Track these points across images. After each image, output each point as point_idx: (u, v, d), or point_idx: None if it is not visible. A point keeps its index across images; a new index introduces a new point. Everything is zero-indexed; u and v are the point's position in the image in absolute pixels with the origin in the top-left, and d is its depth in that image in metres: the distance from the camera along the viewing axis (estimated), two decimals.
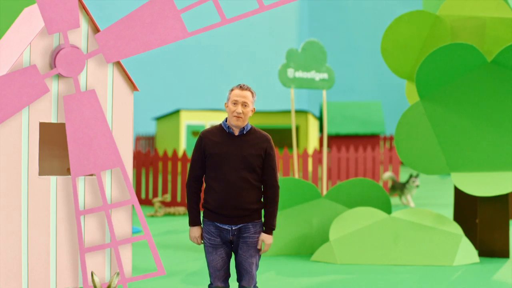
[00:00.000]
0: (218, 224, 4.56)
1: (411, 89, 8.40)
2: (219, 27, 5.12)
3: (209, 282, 4.79)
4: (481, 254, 7.77)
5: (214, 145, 4.54)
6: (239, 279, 4.67)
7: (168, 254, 7.88)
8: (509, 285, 6.49)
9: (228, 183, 4.48)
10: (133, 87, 5.44)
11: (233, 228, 4.55)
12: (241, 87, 4.55)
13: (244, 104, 4.51)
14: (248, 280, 4.62)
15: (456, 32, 8.01)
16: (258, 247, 4.61)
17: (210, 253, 4.61)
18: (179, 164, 14.38)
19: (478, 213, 7.81)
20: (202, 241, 4.66)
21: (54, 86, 5.10)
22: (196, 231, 4.64)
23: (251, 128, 4.62)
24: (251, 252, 4.59)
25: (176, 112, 19.71)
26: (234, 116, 4.51)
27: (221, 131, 4.60)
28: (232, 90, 4.56)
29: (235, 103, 4.52)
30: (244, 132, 4.58)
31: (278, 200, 4.66)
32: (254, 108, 4.60)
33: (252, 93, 4.57)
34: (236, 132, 4.58)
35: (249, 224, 4.57)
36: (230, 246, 4.64)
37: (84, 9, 5.20)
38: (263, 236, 4.61)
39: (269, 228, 4.61)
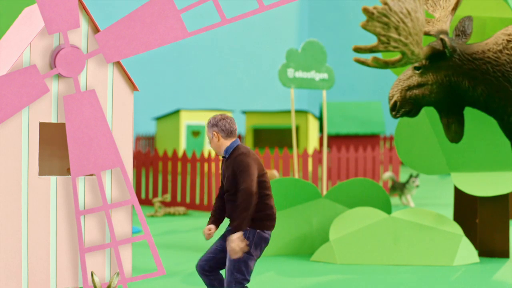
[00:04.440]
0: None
1: None
2: (219, 27, 5.12)
3: None
4: (481, 254, 7.77)
5: (222, 168, 4.86)
6: None
7: (168, 254, 7.88)
8: (509, 285, 6.49)
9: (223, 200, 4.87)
10: (133, 87, 5.44)
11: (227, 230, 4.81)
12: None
13: (209, 138, 4.83)
14: (227, 282, 4.69)
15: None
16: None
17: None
18: (179, 164, 14.36)
19: (478, 213, 7.81)
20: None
21: (54, 86, 5.10)
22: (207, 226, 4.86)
23: (233, 150, 4.75)
24: (229, 257, 4.68)
25: (176, 112, 19.71)
26: None
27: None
28: None
29: None
30: (226, 156, 4.80)
31: (245, 204, 4.55)
32: (215, 132, 4.74)
33: (207, 123, 4.80)
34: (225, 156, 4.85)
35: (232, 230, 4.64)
36: None
37: (84, 9, 5.20)
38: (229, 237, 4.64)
39: (232, 228, 4.63)
